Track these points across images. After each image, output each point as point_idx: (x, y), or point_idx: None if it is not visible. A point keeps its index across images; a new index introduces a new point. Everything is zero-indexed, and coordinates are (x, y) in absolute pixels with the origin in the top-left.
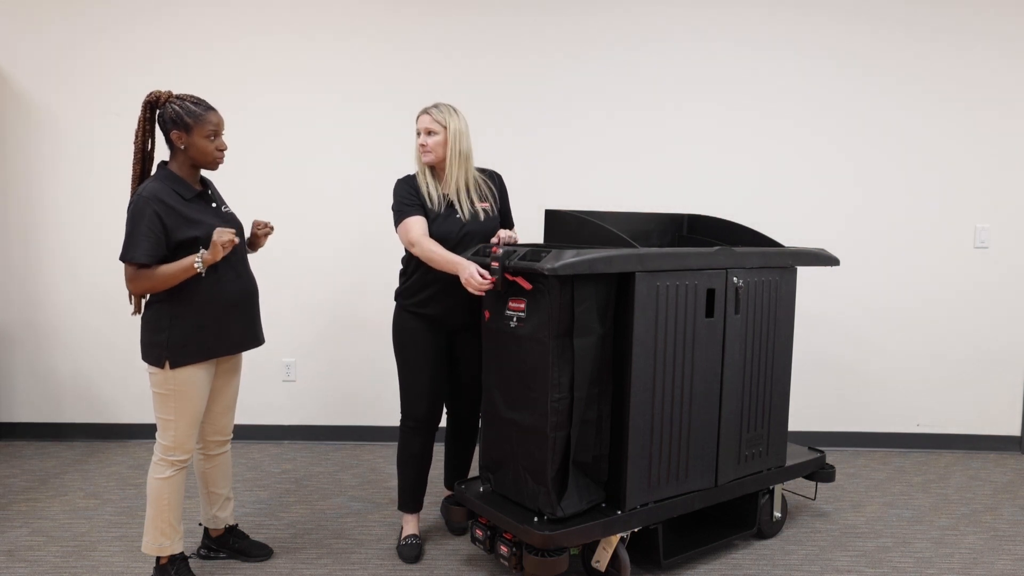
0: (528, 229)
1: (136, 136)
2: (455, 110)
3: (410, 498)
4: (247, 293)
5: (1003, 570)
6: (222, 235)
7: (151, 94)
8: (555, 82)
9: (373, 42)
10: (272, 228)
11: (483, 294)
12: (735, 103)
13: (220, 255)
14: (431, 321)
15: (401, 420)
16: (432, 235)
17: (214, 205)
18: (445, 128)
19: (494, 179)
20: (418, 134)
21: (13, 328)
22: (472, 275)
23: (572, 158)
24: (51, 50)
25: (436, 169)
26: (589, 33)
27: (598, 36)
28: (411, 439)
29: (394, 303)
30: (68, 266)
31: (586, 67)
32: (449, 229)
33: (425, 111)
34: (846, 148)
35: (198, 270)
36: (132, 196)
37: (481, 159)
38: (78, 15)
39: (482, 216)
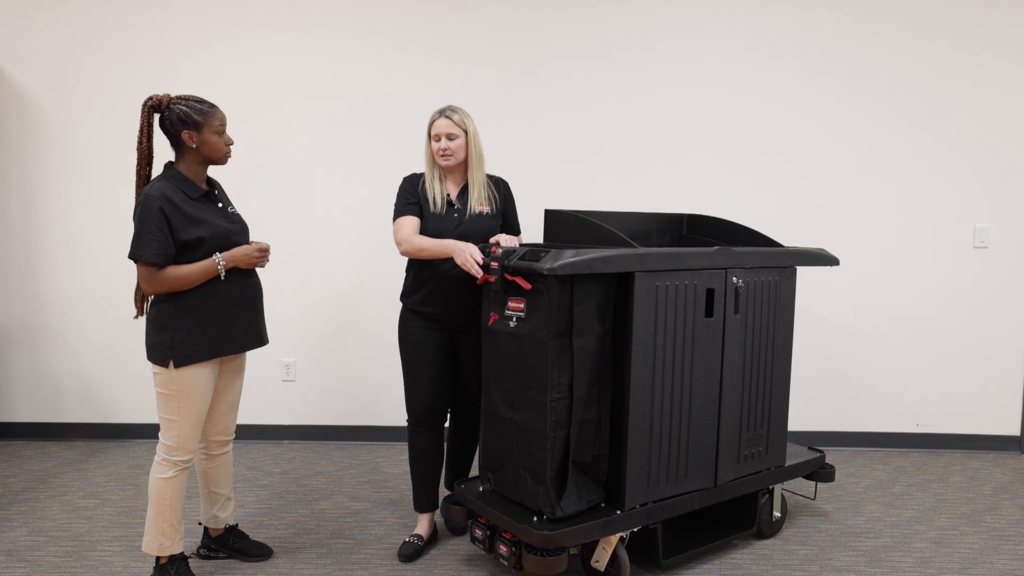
0: (528, 229)
1: (140, 141)
2: (468, 112)
3: (419, 497)
4: (252, 292)
5: (1003, 570)
6: (251, 252)
7: (152, 98)
8: (555, 80)
9: (376, 44)
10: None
11: (478, 274)
12: (735, 103)
13: (248, 266)
14: (432, 319)
15: (406, 419)
16: (428, 232)
17: (220, 205)
18: (465, 132)
19: (499, 185)
20: (437, 138)
21: (13, 328)
22: (467, 257)
23: (572, 157)
24: (51, 50)
25: (448, 170)
26: (589, 30)
27: (598, 34)
28: (415, 437)
29: (399, 304)
30: (68, 266)
31: (587, 64)
32: (444, 227)
33: (442, 115)
34: (846, 148)
35: (219, 272)
36: (138, 196)
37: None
38: (79, 14)
39: (480, 218)
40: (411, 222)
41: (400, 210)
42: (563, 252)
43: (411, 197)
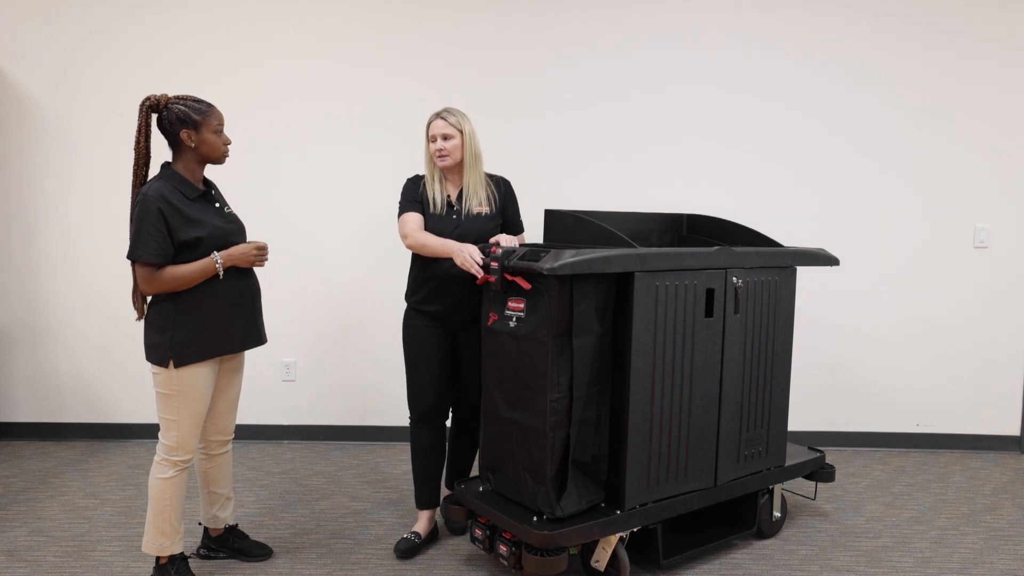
0: (528, 229)
1: (138, 141)
2: (464, 113)
3: (421, 494)
4: (250, 291)
5: (1003, 570)
6: (249, 251)
7: (150, 98)
8: (554, 81)
9: (375, 44)
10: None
11: (479, 274)
12: (735, 103)
13: (246, 265)
14: (434, 318)
15: (409, 416)
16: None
17: (217, 205)
18: (461, 132)
19: (499, 185)
20: (434, 139)
21: (13, 328)
22: (466, 257)
23: (572, 157)
24: (51, 50)
25: (447, 171)
26: (590, 30)
27: (596, 36)
28: (417, 434)
29: (399, 304)
30: (68, 266)
31: (588, 64)
32: (443, 228)
33: (439, 116)
34: (846, 148)
35: (218, 271)
36: (135, 196)
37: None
38: (79, 15)
39: (478, 218)
40: (416, 218)
41: (405, 206)
42: (563, 252)
43: (414, 196)
